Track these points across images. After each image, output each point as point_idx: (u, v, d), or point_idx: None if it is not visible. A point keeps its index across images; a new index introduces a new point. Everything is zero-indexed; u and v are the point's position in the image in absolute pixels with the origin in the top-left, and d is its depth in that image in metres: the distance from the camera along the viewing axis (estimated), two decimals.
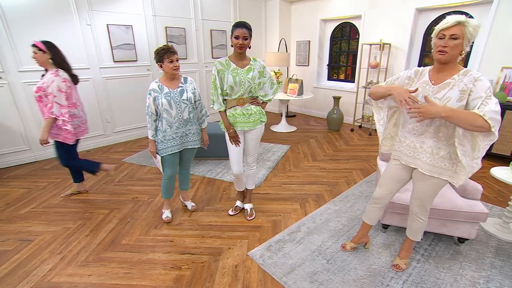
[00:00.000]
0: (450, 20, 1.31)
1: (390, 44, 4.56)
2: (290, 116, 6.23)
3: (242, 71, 2.01)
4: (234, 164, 2.23)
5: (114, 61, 4.22)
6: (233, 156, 2.21)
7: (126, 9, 4.18)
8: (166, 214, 2.48)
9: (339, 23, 5.47)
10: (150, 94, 2.10)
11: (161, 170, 2.31)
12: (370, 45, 4.71)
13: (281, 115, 5.39)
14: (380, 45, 4.50)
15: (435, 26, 1.41)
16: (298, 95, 4.94)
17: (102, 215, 2.53)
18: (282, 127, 5.23)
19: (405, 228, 2.21)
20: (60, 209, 2.64)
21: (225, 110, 2.12)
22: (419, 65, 4.50)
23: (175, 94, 2.13)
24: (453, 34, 1.31)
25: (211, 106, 2.12)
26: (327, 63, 5.93)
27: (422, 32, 4.33)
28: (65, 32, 3.72)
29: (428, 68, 1.53)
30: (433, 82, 1.46)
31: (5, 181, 3.24)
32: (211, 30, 5.28)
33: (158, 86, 2.11)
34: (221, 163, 3.66)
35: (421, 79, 1.52)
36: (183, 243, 2.16)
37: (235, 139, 2.14)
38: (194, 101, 2.24)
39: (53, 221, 2.44)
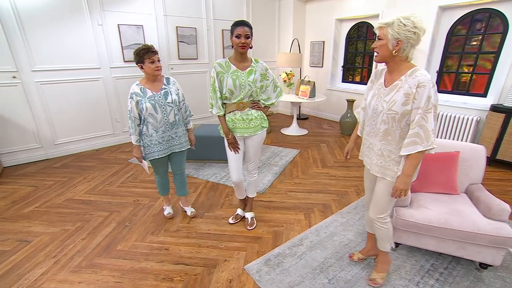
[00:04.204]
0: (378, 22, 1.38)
1: None
2: (302, 119, 6.05)
3: (243, 73, 1.89)
4: (233, 171, 2.11)
5: (124, 61, 4.23)
6: (232, 163, 2.09)
7: (137, 9, 4.18)
8: (168, 210, 2.47)
9: (355, 22, 5.24)
10: (132, 98, 1.99)
11: (148, 173, 2.30)
12: None
13: (293, 118, 5.23)
14: None
15: (460, 25, 1.26)
16: (309, 97, 4.76)
17: (101, 218, 2.49)
18: (293, 130, 5.06)
19: (418, 248, 2.03)
20: (62, 209, 2.63)
21: (224, 115, 2.00)
22: (440, 68, 4.21)
23: (159, 97, 2.04)
24: (379, 36, 1.37)
25: (210, 109, 2.02)
26: (342, 64, 5.70)
27: (445, 32, 4.03)
28: (77, 32, 3.76)
29: (386, 69, 1.50)
30: (386, 83, 1.45)
31: (15, 178, 3.31)
32: (222, 30, 5.20)
33: (140, 89, 2.01)
34: (226, 166, 3.56)
35: (379, 80, 1.51)
36: (178, 252, 2.07)
37: (234, 146, 2.02)
38: (178, 102, 2.16)
39: (53, 222, 2.43)
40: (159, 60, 2.00)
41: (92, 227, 2.36)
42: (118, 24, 4.04)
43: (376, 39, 1.39)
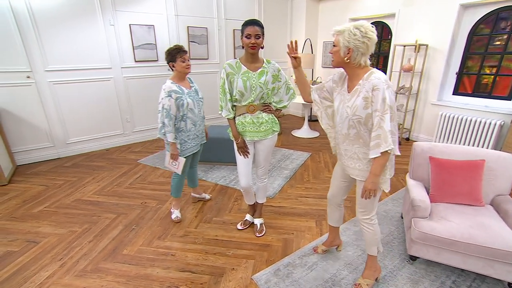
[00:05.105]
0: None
1: (427, 45, 4.11)
2: (314, 121, 5.92)
3: (254, 74, 1.81)
4: (242, 176, 2.04)
5: (135, 61, 4.23)
6: (241, 167, 2.01)
7: (148, 9, 4.17)
8: (176, 214, 2.46)
9: (370, 22, 5.07)
10: (170, 95, 2.05)
11: (180, 172, 2.25)
12: (404, 46, 4.29)
13: (304, 119, 5.11)
14: (416, 46, 4.07)
15: (483, 24, 1.16)
16: None
17: (108, 220, 2.46)
18: (304, 132, 4.95)
19: (438, 263, 1.91)
20: (70, 210, 2.63)
21: (234, 118, 1.93)
22: (461, 69, 4.01)
23: (194, 93, 2.18)
24: (334, 42, 1.42)
25: (219, 112, 1.95)
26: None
27: (466, 32, 3.83)
28: (89, 32, 3.77)
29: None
30: (348, 89, 1.48)
31: (27, 177, 3.34)
32: (234, 29, 5.15)
33: (177, 87, 2.09)
34: (236, 169, 3.49)
35: (344, 86, 1.52)
36: (184, 258, 2.01)
37: (243, 150, 1.95)
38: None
39: (61, 223, 2.42)
40: (188, 59, 2.11)
41: (99, 229, 2.33)
42: (130, 24, 4.04)
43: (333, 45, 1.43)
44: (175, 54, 2.06)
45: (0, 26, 3.22)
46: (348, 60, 1.37)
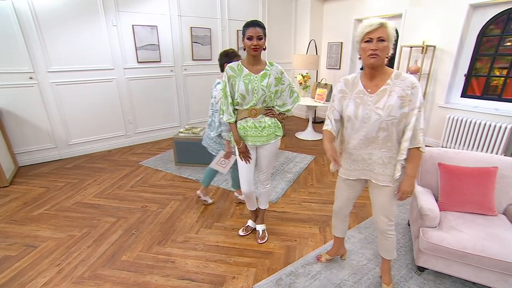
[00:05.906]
0: (373, 22, 1.25)
1: (434, 47, 4.01)
2: (318, 123, 5.85)
3: (256, 77, 1.75)
4: (244, 182, 1.98)
5: (138, 62, 4.20)
6: (243, 173, 1.96)
7: (151, 10, 4.13)
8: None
9: None
10: None
11: (225, 172, 2.34)
12: (411, 47, 4.19)
13: (308, 121, 5.04)
14: (423, 47, 3.97)
15: (493, 25, 1.11)
16: (326, 101, 4.56)
17: (108, 224, 2.42)
18: (308, 134, 4.88)
19: (448, 275, 1.83)
20: (70, 213, 2.59)
21: (236, 122, 1.87)
22: (469, 71, 3.90)
23: None
24: (380, 37, 1.25)
25: (221, 116, 1.89)
26: (361, 66, 5.46)
27: (475, 32, 3.73)
28: (92, 32, 3.75)
29: (358, 75, 1.45)
30: (369, 91, 1.39)
31: (29, 178, 3.32)
32: (237, 30, 5.09)
33: None
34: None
35: (355, 89, 1.43)
36: (184, 265, 1.96)
37: (245, 155, 1.89)
38: None
39: (61, 227, 2.39)
40: None
41: (99, 234, 2.29)
42: (133, 25, 4.01)
43: (376, 41, 1.25)
44: (233, 57, 2.18)
45: (3, 27, 3.21)
46: (388, 55, 1.30)
